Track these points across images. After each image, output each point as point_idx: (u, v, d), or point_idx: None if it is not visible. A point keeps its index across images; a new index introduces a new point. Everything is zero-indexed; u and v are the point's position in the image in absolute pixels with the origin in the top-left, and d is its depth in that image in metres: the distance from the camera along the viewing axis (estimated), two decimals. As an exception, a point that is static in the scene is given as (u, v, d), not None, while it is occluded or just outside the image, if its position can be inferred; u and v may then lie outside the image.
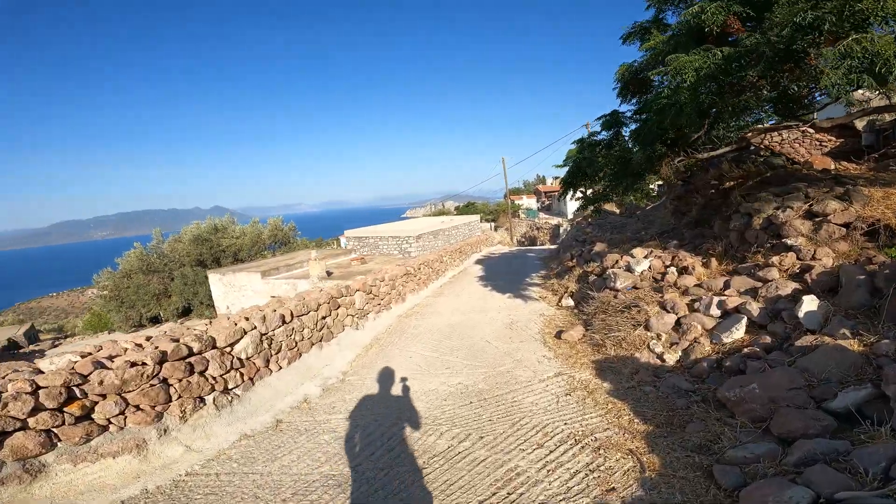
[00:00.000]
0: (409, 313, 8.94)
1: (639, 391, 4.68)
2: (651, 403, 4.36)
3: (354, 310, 7.32)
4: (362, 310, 7.60)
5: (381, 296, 8.43)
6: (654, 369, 5.20)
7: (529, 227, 44.02)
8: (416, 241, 19.97)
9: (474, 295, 10.47)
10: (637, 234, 11.75)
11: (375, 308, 8.18)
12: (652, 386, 4.79)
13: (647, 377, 5.00)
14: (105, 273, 25.58)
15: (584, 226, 16.65)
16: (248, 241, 25.51)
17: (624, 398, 4.55)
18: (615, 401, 4.52)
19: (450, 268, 13.94)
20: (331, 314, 6.56)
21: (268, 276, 17.38)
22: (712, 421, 3.78)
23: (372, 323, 7.80)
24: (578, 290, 8.72)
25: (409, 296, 9.91)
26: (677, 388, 4.60)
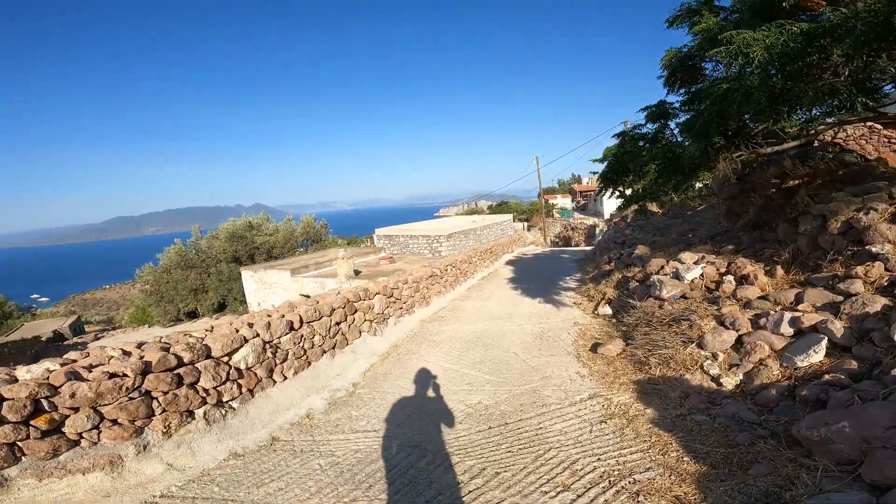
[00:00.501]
0: (433, 318, 8.41)
1: (689, 421, 3.96)
2: (705, 437, 3.64)
3: (373, 314, 6.85)
4: (382, 314, 7.14)
5: (403, 299, 7.95)
6: (708, 394, 4.44)
7: (563, 227, 42.75)
8: (447, 241, 19.49)
9: (503, 299, 9.84)
10: (683, 236, 10.77)
11: (397, 312, 7.70)
12: (706, 415, 4.05)
13: (700, 404, 4.27)
14: (147, 268, 26.43)
15: (624, 227, 15.65)
16: (281, 239, 25.78)
17: (671, 429, 3.84)
18: (660, 432, 3.82)
19: (479, 269, 13.34)
20: (346, 319, 6.12)
21: (297, 273, 17.35)
22: (784, 462, 3.05)
23: (392, 329, 7.32)
24: (617, 298, 7.94)
25: (434, 299, 9.39)
26: (738, 419, 3.85)
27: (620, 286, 8.46)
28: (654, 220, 17.34)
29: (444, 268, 10.12)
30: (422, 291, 8.77)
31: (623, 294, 7.83)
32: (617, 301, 7.81)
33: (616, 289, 8.48)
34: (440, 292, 9.72)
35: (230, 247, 25.23)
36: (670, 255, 8.52)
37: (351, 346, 6.07)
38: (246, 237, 25.70)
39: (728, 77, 5.54)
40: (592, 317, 7.86)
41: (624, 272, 8.95)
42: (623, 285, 8.38)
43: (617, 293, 8.16)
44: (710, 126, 5.94)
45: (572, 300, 9.20)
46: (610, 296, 8.28)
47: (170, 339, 4.15)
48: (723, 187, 10.57)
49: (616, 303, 7.79)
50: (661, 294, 6.30)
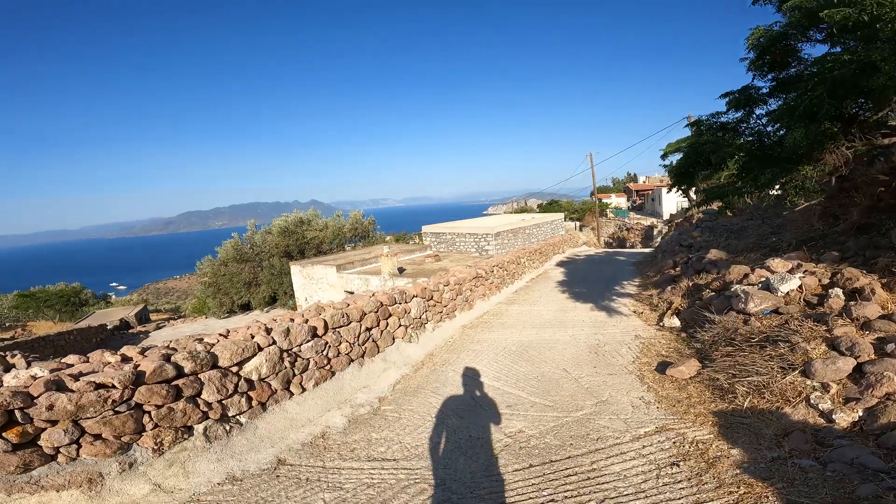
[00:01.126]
0: (475, 323, 7.73)
1: (791, 467, 3.05)
2: (814, 488, 2.76)
3: (409, 319, 6.28)
4: (419, 319, 6.55)
5: (443, 302, 7.33)
6: (815, 433, 3.48)
7: (618, 228, 40.64)
8: (495, 239, 18.75)
9: (553, 304, 8.98)
10: (764, 240, 9.40)
11: (436, 316, 7.10)
12: (813, 459, 3.14)
13: (805, 445, 3.32)
14: (206, 260, 27.54)
15: (690, 228, 14.20)
16: (329, 234, 26.01)
17: (766, 477, 2.96)
18: (751, 480, 2.95)
19: (527, 270, 12.50)
20: (378, 325, 5.58)
21: (342, 270, 17.30)
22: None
23: (429, 335, 6.72)
24: (688, 308, 6.90)
25: (477, 302, 8.71)
26: (859, 466, 2.91)
27: (691, 295, 7.38)
28: (722, 221, 15.67)
29: (490, 269, 9.41)
30: (464, 294, 8.11)
31: (695, 304, 6.77)
32: (687, 312, 6.77)
33: (685, 298, 7.41)
34: (484, 295, 9.02)
35: (282, 241, 25.77)
36: (752, 261, 7.34)
37: (382, 355, 5.52)
38: (297, 232, 26.16)
39: (849, 49, 4.47)
40: (657, 329, 6.87)
41: (695, 279, 7.83)
42: (694, 294, 7.30)
43: (687, 303, 7.10)
44: (819, 108, 4.85)
45: (632, 308, 8.21)
46: (678, 305, 7.23)
47: (179, 343, 3.76)
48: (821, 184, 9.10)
49: (686, 314, 6.76)
50: (746, 307, 5.26)
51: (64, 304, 35.20)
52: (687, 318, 6.70)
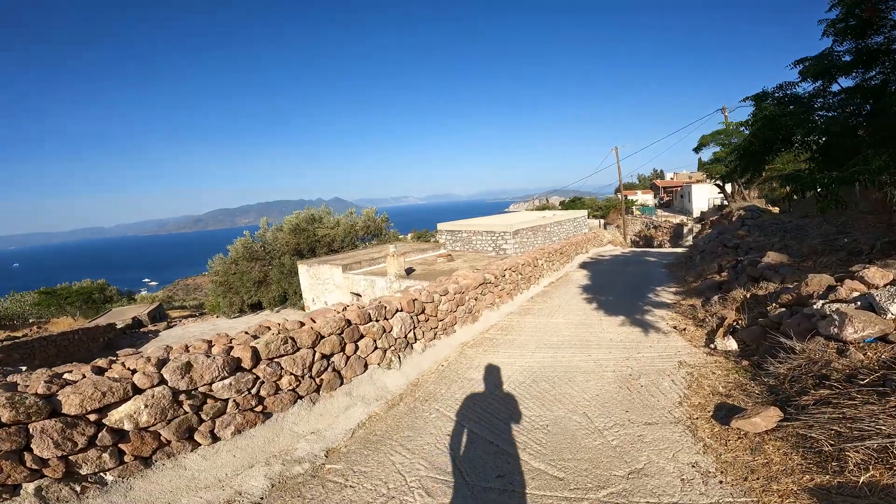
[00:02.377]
0: (479, 341, 6.39)
1: None
2: None
3: (389, 339, 5.00)
4: (404, 338, 5.27)
5: (439, 315, 6.03)
6: None
7: (645, 226, 38.48)
8: (513, 238, 17.39)
9: (574, 315, 7.56)
10: (832, 241, 7.75)
11: (429, 333, 5.81)
12: None
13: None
14: (217, 259, 27.00)
15: (734, 226, 12.48)
16: (341, 232, 25.08)
17: None
18: None
19: (546, 273, 11.08)
20: (344, 349, 4.33)
21: (348, 270, 16.30)
22: None
23: (417, 358, 5.42)
24: (748, 327, 5.41)
25: (484, 312, 7.38)
26: None
27: (749, 309, 5.86)
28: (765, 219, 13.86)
29: (501, 273, 8.06)
30: (468, 304, 6.79)
31: (757, 322, 5.28)
32: (748, 332, 5.28)
33: (741, 312, 5.90)
34: (493, 304, 7.68)
35: (293, 239, 24.96)
36: (826, 267, 5.81)
37: (347, 387, 4.26)
38: (308, 230, 25.32)
39: None
40: (706, 352, 5.41)
41: (752, 289, 6.31)
42: (753, 308, 5.78)
43: (745, 319, 5.60)
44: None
45: (670, 322, 6.74)
46: (733, 322, 5.74)
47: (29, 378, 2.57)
48: None
49: (746, 335, 5.27)
50: (841, 333, 3.78)
51: (84, 301, 35.35)
52: (747, 339, 5.22)
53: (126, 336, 22.40)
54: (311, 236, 25.49)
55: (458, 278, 6.86)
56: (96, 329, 19.93)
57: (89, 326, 20.42)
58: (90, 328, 19.80)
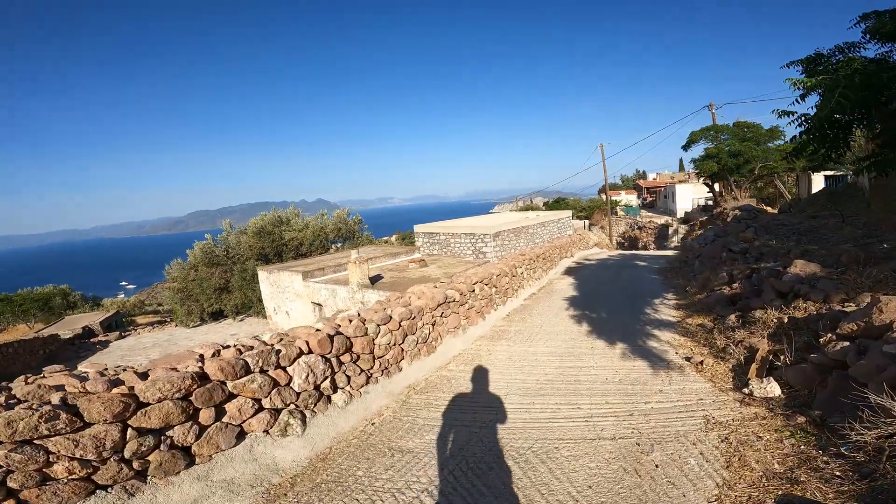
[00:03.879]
0: (432, 383, 4.85)
1: None
2: None
3: (286, 395, 3.44)
4: (314, 390, 3.71)
5: (377, 351, 4.49)
6: None
7: (629, 227, 37.59)
8: (493, 240, 15.96)
9: (558, 341, 6.11)
10: (865, 246, 6.46)
11: (358, 378, 4.27)
12: None
13: None
14: (175, 264, 25.01)
15: (736, 227, 11.23)
16: (310, 235, 23.35)
17: None
18: None
19: (528, 282, 9.64)
20: (193, 417, 2.75)
21: (309, 277, 14.68)
22: None
23: (336, 414, 3.87)
24: (794, 364, 4.00)
25: (446, 339, 5.87)
26: None
27: (785, 336, 4.48)
28: (764, 219, 12.69)
29: (469, 287, 6.56)
30: (421, 332, 5.26)
31: (807, 358, 3.88)
32: (794, 372, 3.88)
33: (776, 341, 4.51)
34: (458, 327, 6.16)
35: (257, 243, 23.15)
36: (884, 283, 4.45)
37: (201, 468, 2.71)
38: (274, 233, 23.54)
39: None
40: (738, 399, 3.99)
41: (785, 309, 4.93)
42: (791, 335, 4.39)
43: (786, 352, 4.19)
44: None
45: (681, 350, 5.33)
46: (766, 353, 4.33)
47: None
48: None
49: (793, 375, 3.88)
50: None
51: (40, 308, 32.82)
52: (795, 381, 3.83)
53: (73, 347, 20.30)
54: (278, 240, 23.74)
55: (410, 298, 5.34)
56: (35, 341, 17.78)
57: (27, 338, 18.23)
58: (28, 340, 17.63)
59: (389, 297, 5.50)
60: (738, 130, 18.81)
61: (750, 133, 18.45)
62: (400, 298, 5.35)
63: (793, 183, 20.33)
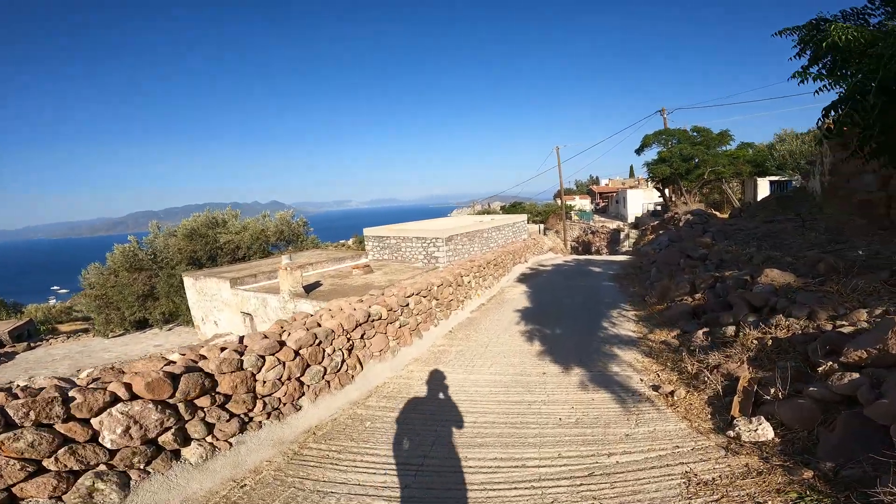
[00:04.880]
0: (335, 427, 3.72)
1: None
2: None
3: (68, 461, 2.25)
4: (131, 450, 2.53)
5: (260, 389, 3.33)
6: None
7: (583, 231, 37.89)
8: (446, 245, 15.01)
9: (506, 365, 5.15)
10: (836, 253, 5.96)
11: (227, 425, 3.10)
12: None
13: None
14: (92, 269, 22.42)
15: (692, 231, 10.81)
16: (248, 238, 21.51)
17: None
18: None
19: (476, 291, 8.71)
20: None
21: (239, 284, 13.16)
22: None
23: (178, 477, 2.73)
24: (787, 398, 3.21)
25: (370, 364, 4.77)
26: None
27: (769, 360, 3.72)
28: (725, 225, 12.46)
29: (402, 301, 5.49)
30: (331, 359, 4.14)
31: (805, 392, 3.10)
32: (789, 409, 3.09)
33: (758, 367, 3.75)
34: (385, 349, 5.08)
35: (188, 246, 21.06)
36: (874, 295, 3.80)
37: None
38: (208, 235, 21.52)
39: None
40: (722, 444, 3.16)
41: (764, 327, 4.19)
42: (774, 358, 3.64)
43: (777, 385, 3.40)
44: None
45: (647, 376, 4.51)
46: (747, 384, 3.55)
47: None
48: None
49: (787, 412, 3.09)
50: None
51: (-53, 317, 28.90)
52: (790, 420, 3.05)
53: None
54: (212, 243, 21.75)
55: (321, 317, 4.21)
56: None
57: None
58: None
59: (296, 315, 4.36)
60: (690, 134, 18.96)
61: (701, 137, 18.63)
62: (308, 318, 4.21)
63: (739, 188, 20.78)
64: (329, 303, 4.88)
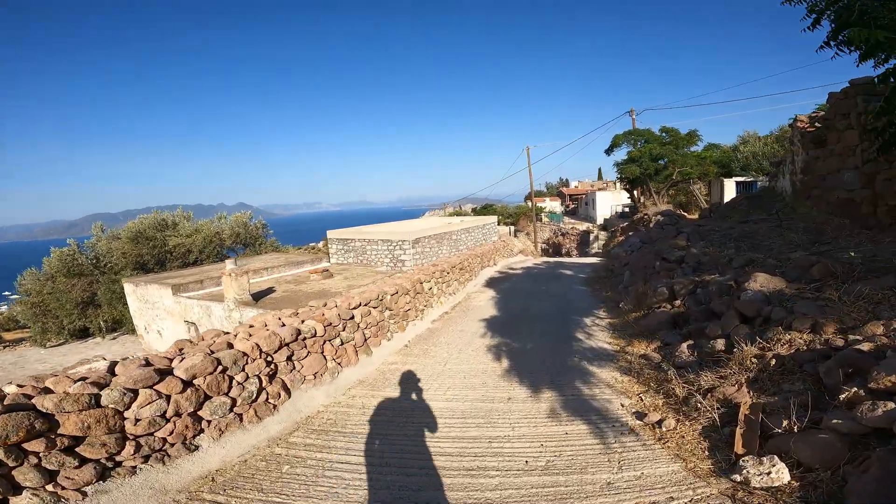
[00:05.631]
0: (240, 473, 2.92)
1: None
2: None
3: None
4: None
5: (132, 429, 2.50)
6: None
7: (553, 233, 37.88)
8: (413, 247, 14.21)
9: (465, 389, 4.41)
10: (820, 251, 5.53)
11: (80, 472, 2.25)
12: None
13: None
14: (28, 274, 20.54)
15: (662, 233, 10.40)
16: (200, 241, 20.08)
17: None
18: None
19: (439, 298, 7.96)
20: None
21: (182, 291, 11.98)
22: None
23: None
24: (803, 430, 2.58)
25: (300, 391, 3.94)
26: None
27: (772, 381, 3.13)
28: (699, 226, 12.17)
29: (345, 314, 4.67)
30: (243, 389, 3.31)
31: (827, 425, 2.48)
32: (807, 445, 2.47)
33: (758, 390, 3.14)
34: (322, 372, 4.25)
35: (133, 250, 19.48)
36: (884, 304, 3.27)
37: None
38: (156, 238, 19.98)
39: None
40: (723, 489, 2.52)
41: (761, 341, 3.60)
42: (779, 379, 3.05)
43: (778, 407, 2.79)
44: None
45: (627, 401, 3.85)
46: (748, 411, 2.93)
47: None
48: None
49: (805, 449, 2.46)
50: None
51: None
52: (810, 459, 2.42)
53: None
54: (160, 246, 20.24)
55: (236, 337, 3.38)
56: None
57: None
58: None
59: (205, 334, 3.51)
60: (658, 135, 18.91)
61: (669, 137, 18.58)
62: (218, 338, 3.37)
63: (705, 189, 20.89)
64: (253, 318, 4.03)
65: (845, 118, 6.51)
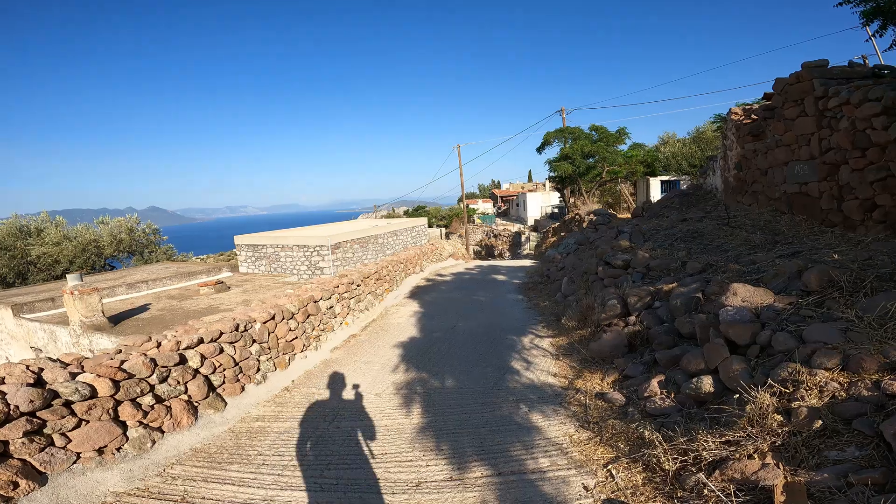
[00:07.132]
0: None
1: None
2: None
3: None
4: None
5: None
6: None
7: (486, 235, 37.46)
8: (332, 253, 12.41)
9: (352, 469, 2.95)
10: (788, 254, 4.73)
11: None
12: None
13: None
14: None
15: (608, 235, 9.57)
16: (71, 250, 16.76)
17: None
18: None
19: (346, 316, 6.39)
20: None
21: (26, 312, 9.41)
22: None
23: None
24: None
25: (68, 471, 2.25)
26: None
27: (802, 445, 1.99)
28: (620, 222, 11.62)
29: (167, 357, 3.00)
30: None
31: None
32: None
33: (790, 462, 1.99)
34: (110, 448, 2.58)
35: (-15, 261, 15.85)
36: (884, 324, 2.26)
37: None
38: (16, 248, 16.40)
39: None
40: None
41: (790, 390, 2.49)
42: (819, 443, 1.92)
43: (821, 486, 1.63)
44: None
45: (593, 480, 2.59)
46: (784, 497, 1.75)
47: None
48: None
49: None
50: None
51: None
52: None
53: None
54: (21, 256, 16.70)
55: None
56: None
57: None
58: None
59: None
60: (588, 133, 18.78)
61: (599, 135, 18.47)
62: None
63: (631, 189, 21.12)
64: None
65: (797, 105, 5.90)
